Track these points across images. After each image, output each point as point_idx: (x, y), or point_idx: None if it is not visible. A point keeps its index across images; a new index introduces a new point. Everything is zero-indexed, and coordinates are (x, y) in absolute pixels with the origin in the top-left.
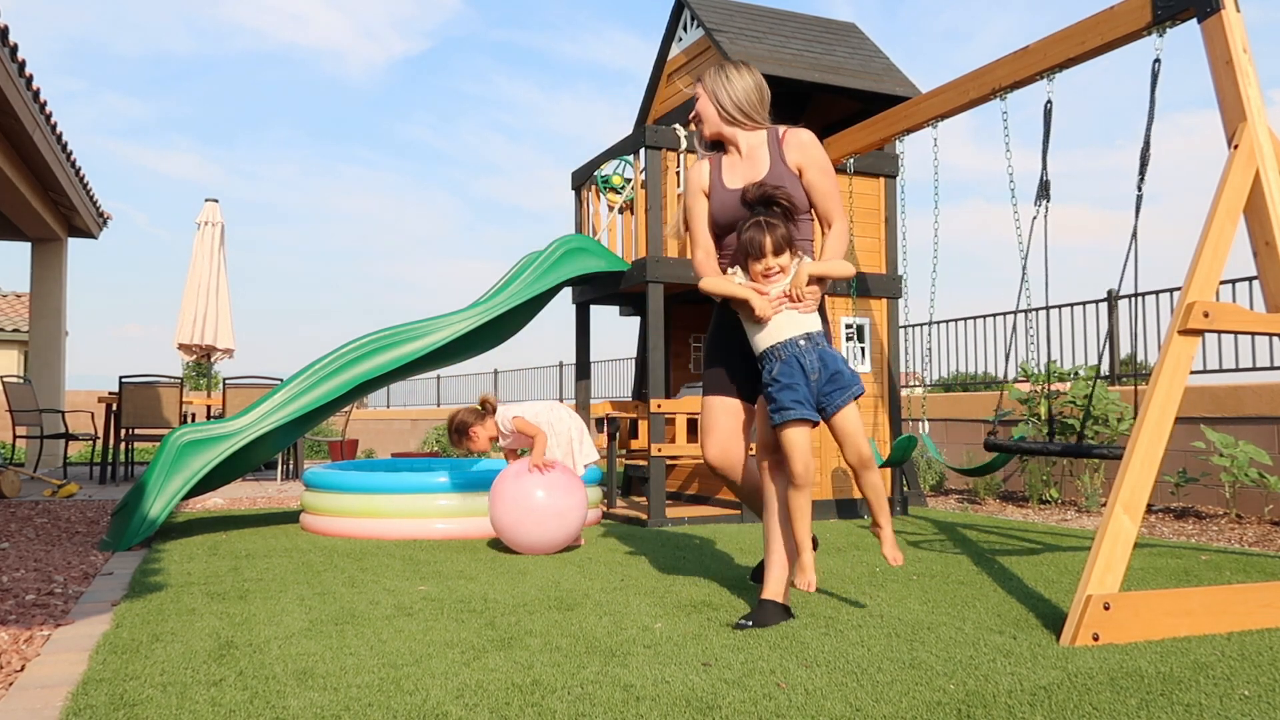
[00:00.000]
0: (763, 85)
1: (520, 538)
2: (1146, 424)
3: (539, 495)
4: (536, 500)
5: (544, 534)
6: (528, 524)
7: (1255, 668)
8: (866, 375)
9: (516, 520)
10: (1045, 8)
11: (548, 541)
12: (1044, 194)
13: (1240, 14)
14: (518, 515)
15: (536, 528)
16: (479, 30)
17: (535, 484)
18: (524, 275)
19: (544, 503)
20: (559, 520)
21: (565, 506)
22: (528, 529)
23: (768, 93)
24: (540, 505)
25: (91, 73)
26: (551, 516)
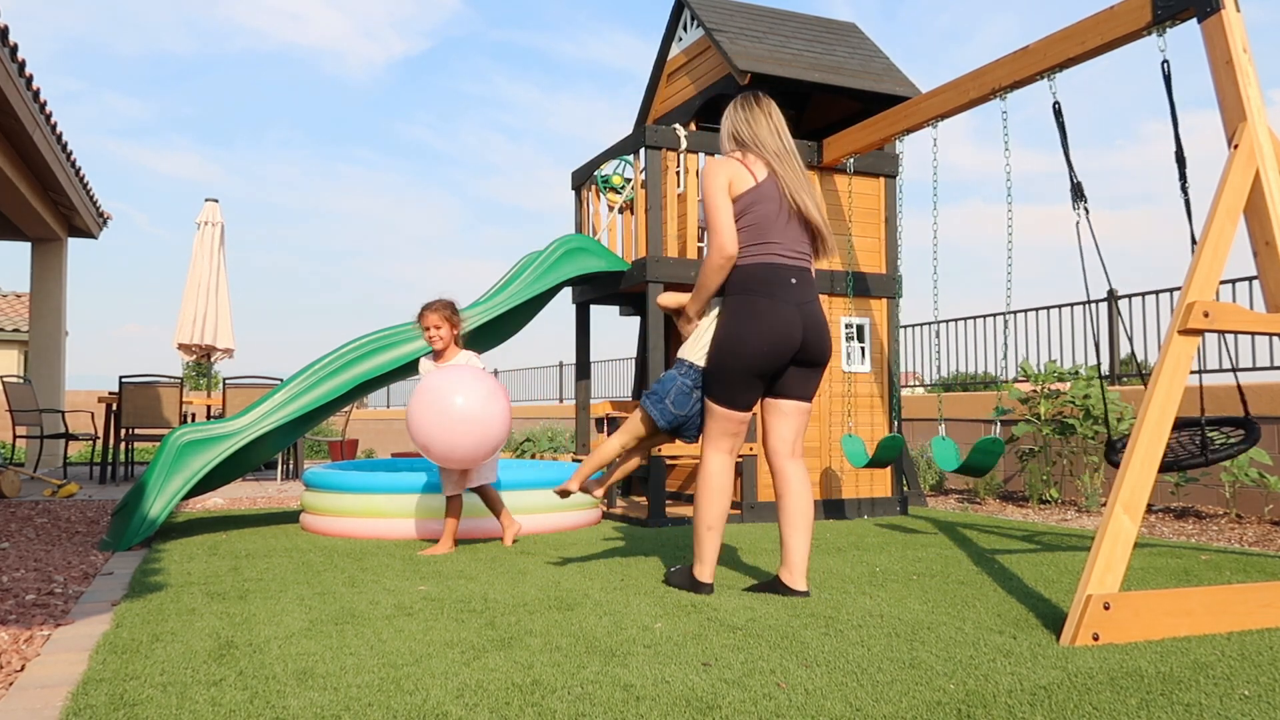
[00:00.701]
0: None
1: (436, 445)
2: (1146, 424)
3: (458, 401)
4: (454, 406)
5: (461, 442)
6: (444, 430)
7: (1255, 668)
8: (866, 375)
9: (433, 424)
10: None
11: (464, 452)
12: (1079, 195)
13: (1240, 14)
14: (434, 420)
15: (451, 434)
16: (479, 30)
17: (455, 389)
18: (524, 275)
19: (462, 408)
20: (480, 427)
21: (486, 414)
22: (444, 436)
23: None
24: (458, 410)
25: (91, 72)
26: (469, 422)
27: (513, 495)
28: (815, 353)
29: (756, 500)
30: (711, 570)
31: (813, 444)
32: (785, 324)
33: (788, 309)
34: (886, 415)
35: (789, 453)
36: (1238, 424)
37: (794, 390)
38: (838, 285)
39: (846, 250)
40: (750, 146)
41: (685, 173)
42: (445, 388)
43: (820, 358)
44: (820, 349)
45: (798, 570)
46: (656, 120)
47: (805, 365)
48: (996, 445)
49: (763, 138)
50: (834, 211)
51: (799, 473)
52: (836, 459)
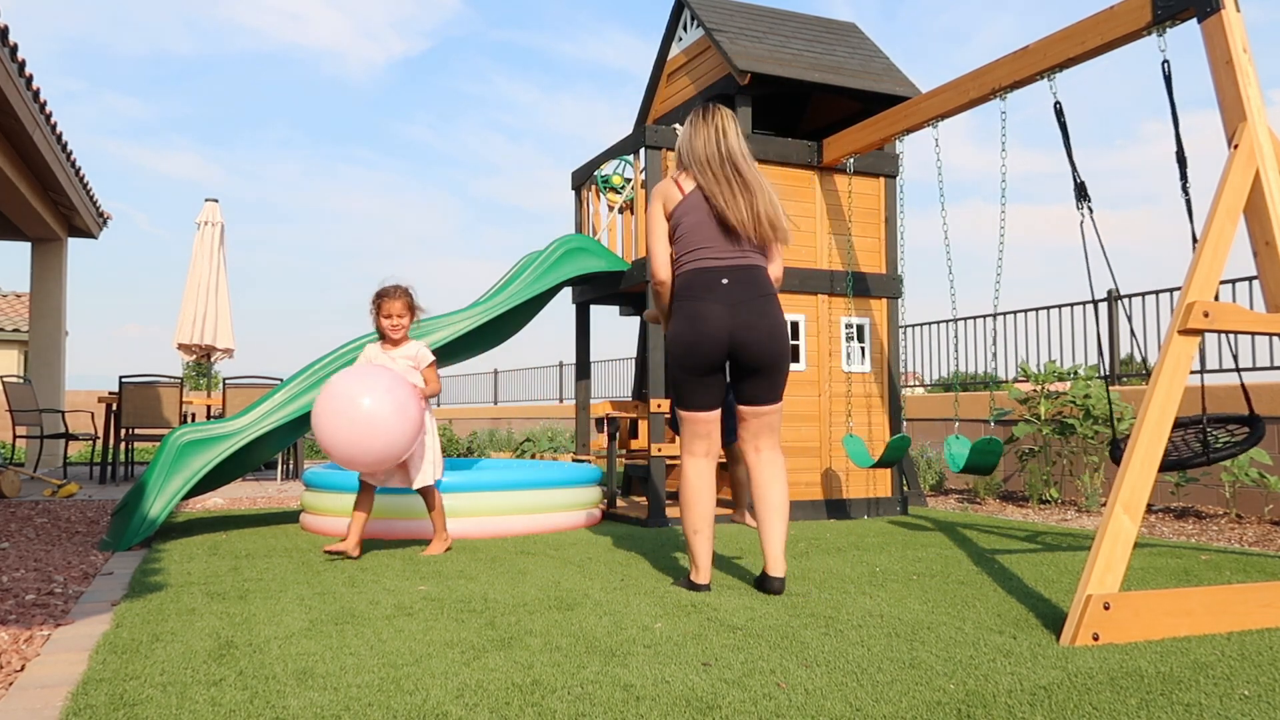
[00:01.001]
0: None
1: (339, 448)
2: (1146, 424)
3: (364, 403)
4: (360, 408)
5: (366, 446)
6: (346, 431)
7: (1255, 668)
8: (866, 375)
9: (337, 425)
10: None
11: (367, 456)
12: (1083, 195)
13: (1240, 14)
14: (336, 420)
15: (353, 437)
16: (479, 30)
17: (362, 389)
18: (524, 275)
19: (368, 411)
20: (384, 434)
21: (390, 420)
22: (347, 438)
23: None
24: (363, 413)
25: (92, 73)
26: (373, 427)
27: (513, 495)
28: (753, 353)
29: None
30: (707, 572)
31: (813, 444)
32: (709, 323)
33: (715, 308)
34: (887, 415)
35: (754, 449)
36: (1243, 421)
37: (745, 395)
38: (838, 285)
39: (847, 250)
40: (685, 162)
41: None
42: (353, 388)
43: (757, 360)
44: (757, 349)
45: (771, 557)
46: (657, 120)
47: (750, 369)
48: (994, 445)
49: (695, 149)
50: (834, 211)
51: (765, 464)
52: (837, 459)
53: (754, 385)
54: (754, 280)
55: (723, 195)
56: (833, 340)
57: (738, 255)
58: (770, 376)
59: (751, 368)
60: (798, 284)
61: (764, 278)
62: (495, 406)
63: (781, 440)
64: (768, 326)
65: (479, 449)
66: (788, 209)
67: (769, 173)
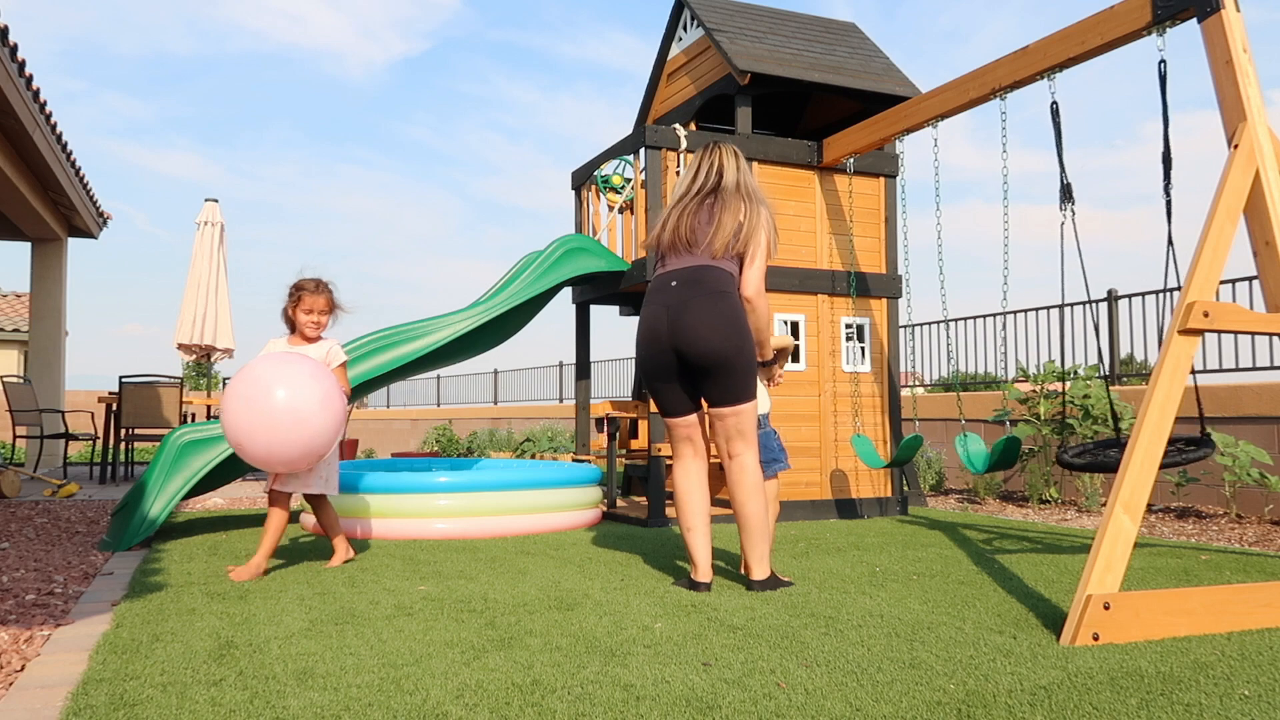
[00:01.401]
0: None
1: (251, 445)
2: (1146, 424)
3: (279, 395)
4: (273, 401)
5: (279, 441)
6: (258, 425)
7: (1255, 668)
8: (866, 375)
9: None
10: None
11: (283, 455)
12: (1067, 197)
13: (1240, 14)
14: (248, 415)
15: (269, 434)
16: (478, 31)
17: (276, 380)
18: (524, 275)
19: (283, 404)
20: (301, 430)
21: (309, 415)
22: (263, 435)
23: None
24: (277, 407)
25: (91, 73)
26: (289, 421)
27: (513, 495)
28: (692, 352)
29: None
30: (705, 570)
31: (813, 444)
32: (649, 327)
33: (653, 309)
34: (887, 415)
35: (726, 455)
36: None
37: (704, 396)
38: (838, 285)
39: (847, 250)
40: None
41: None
42: (265, 378)
43: (697, 359)
44: (692, 347)
45: (747, 565)
46: (656, 120)
47: (696, 369)
48: (1014, 441)
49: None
50: (834, 211)
51: (733, 471)
52: (837, 459)
53: (706, 386)
54: (700, 281)
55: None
56: (833, 340)
57: (680, 259)
58: (717, 376)
59: (696, 367)
60: (797, 284)
61: (714, 276)
62: (495, 406)
63: (782, 440)
64: (702, 322)
65: (479, 449)
66: (788, 209)
67: (769, 172)
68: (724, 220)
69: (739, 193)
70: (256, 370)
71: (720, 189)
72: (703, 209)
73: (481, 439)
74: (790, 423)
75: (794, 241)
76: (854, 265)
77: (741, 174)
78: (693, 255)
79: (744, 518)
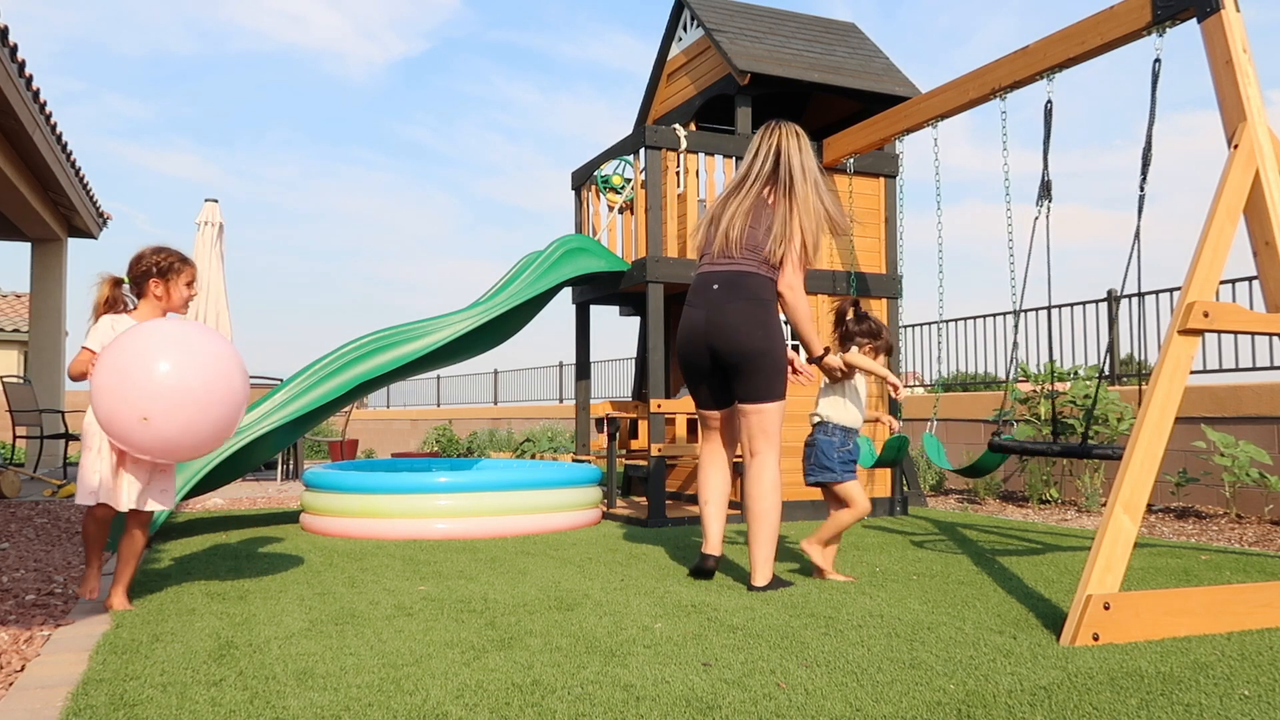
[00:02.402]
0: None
1: (135, 437)
2: (1146, 424)
3: (162, 368)
4: (158, 374)
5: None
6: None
7: (1255, 668)
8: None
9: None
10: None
11: (179, 444)
12: (1045, 194)
13: (1240, 14)
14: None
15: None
16: (478, 31)
17: (157, 351)
18: (524, 275)
19: (169, 379)
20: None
21: (205, 387)
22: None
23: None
24: (163, 383)
25: (91, 73)
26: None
27: (513, 495)
28: (724, 355)
29: None
30: (714, 543)
31: None
32: (689, 327)
33: (695, 312)
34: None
35: (748, 452)
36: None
37: (733, 391)
38: (838, 285)
39: (847, 250)
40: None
41: (685, 173)
42: (143, 349)
43: (727, 358)
44: (726, 350)
45: (752, 563)
46: (656, 120)
47: (724, 368)
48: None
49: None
50: None
51: (752, 469)
52: None
53: (735, 383)
54: (740, 285)
55: (725, 214)
56: (833, 340)
57: (733, 263)
58: (744, 374)
59: (727, 365)
60: None
61: (755, 283)
62: (495, 406)
63: (782, 439)
64: (736, 325)
65: (479, 449)
66: None
67: None
68: (775, 225)
69: (794, 186)
70: (135, 343)
71: (776, 179)
72: (757, 205)
73: (481, 439)
74: (790, 423)
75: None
76: (854, 265)
77: (804, 158)
78: (736, 260)
79: (754, 515)
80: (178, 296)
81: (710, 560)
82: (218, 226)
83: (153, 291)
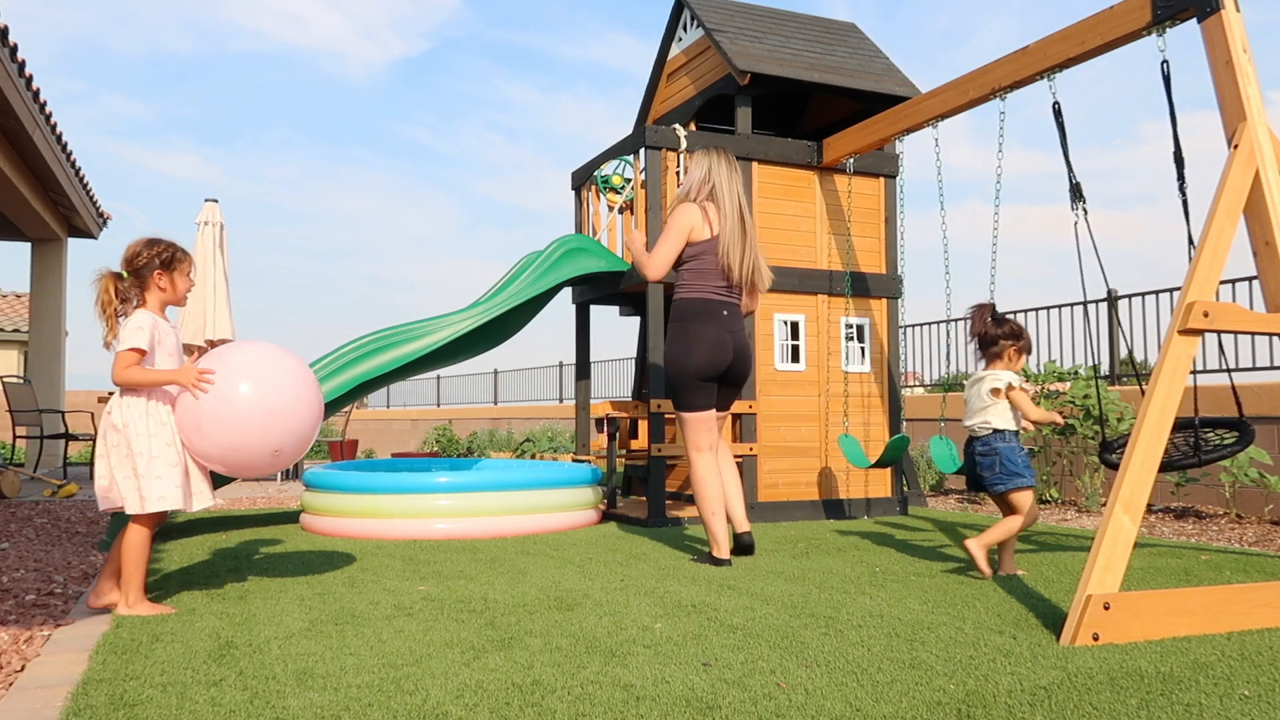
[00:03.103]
0: (710, 169)
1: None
2: (1146, 424)
3: (243, 390)
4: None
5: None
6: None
7: (1255, 668)
8: (867, 375)
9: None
10: (1045, 8)
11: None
12: (1078, 196)
13: (1240, 14)
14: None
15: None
16: (478, 31)
17: (238, 374)
18: (524, 275)
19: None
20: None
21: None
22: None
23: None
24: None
25: (91, 73)
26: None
27: (513, 495)
28: (737, 373)
29: (757, 500)
30: (726, 547)
31: (812, 444)
32: (719, 343)
33: (720, 333)
34: (887, 415)
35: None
36: (1231, 425)
37: (723, 400)
38: (838, 285)
39: (847, 250)
40: (716, 201)
41: (685, 173)
42: (288, 385)
43: (740, 378)
44: (742, 370)
45: (736, 518)
46: (656, 120)
47: (728, 384)
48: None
49: (724, 198)
50: (834, 211)
51: (723, 454)
52: (836, 459)
53: (727, 397)
54: (740, 316)
55: (734, 255)
56: (832, 340)
57: (734, 294)
58: (740, 388)
59: (732, 380)
60: (797, 284)
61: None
62: (495, 406)
63: (782, 440)
64: (749, 351)
65: (479, 449)
66: (788, 209)
67: (769, 173)
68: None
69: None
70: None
71: (744, 220)
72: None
73: (481, 439)
74: (790, 422)
75: (794, 242)
76: (854, 265)
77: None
78: (726, 281)
79: (738, 485)
80: (182, 287)
81: (727, 563)
82: (218, 226)
83: (157, 284)
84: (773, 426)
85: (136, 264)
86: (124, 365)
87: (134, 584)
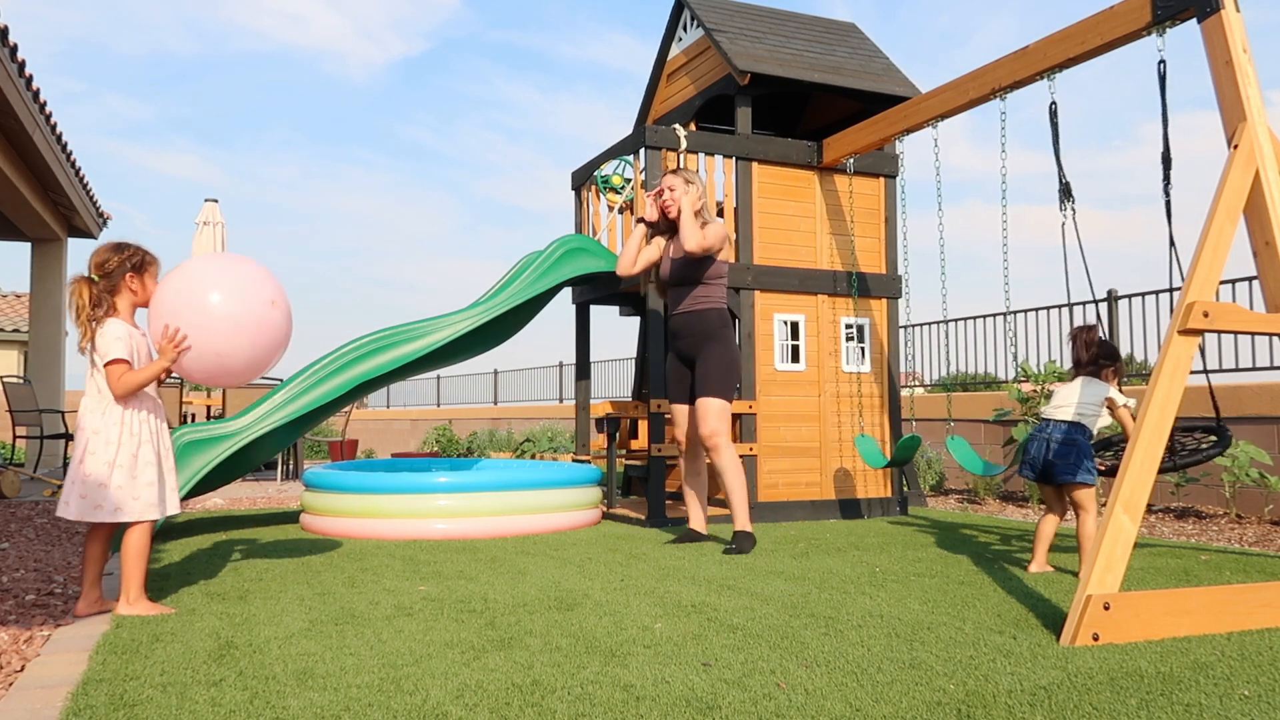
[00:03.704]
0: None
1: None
2: (1146, 424)
3: (214, 299)
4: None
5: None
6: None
7: (1255, 668)
8: (867, 375)
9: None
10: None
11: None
12: (1067, 196)
13: (1240, 14)
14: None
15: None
16: (478, 31)
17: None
18: (524, 275)
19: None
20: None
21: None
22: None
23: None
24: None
25: (91, 73)
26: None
27: (513, 495)
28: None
29: (757, 500)
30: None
31: (812, 444)
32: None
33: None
34: (887, 415)
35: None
36: (1209, 430)
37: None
38: (838, 285)
39: (847, 250)
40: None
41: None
42: (237, 259)
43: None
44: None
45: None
46: (656, 120)
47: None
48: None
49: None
50: (834, 211)
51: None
52: (837, 459)
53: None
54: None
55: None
56: (833, 340)
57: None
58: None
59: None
60: (797, 284)
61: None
62: (495, 407)
63: (782, 440)
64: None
65: (479, 449)
66: (788, 209)
67: (769, 173)
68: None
69: None
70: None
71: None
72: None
73: (481, 439)
74: (790, 422)
75: (794, 242)
76: (854, 265)
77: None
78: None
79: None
80: (152, 289)
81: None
82: (218, 226)
83: (128, 286)
84: (773, 427)
85: (107, 268)
86: (118, 377)
87: (134, 583)
